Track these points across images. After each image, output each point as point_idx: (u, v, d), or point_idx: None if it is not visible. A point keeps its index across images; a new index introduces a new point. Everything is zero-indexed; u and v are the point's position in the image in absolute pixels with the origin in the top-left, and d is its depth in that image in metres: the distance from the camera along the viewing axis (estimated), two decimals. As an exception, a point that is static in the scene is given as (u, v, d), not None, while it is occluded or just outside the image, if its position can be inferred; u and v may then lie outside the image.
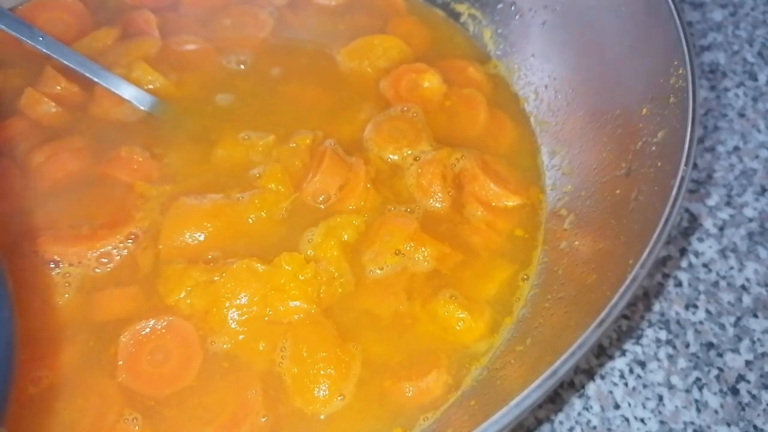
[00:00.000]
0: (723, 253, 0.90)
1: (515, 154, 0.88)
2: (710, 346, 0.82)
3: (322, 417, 0.66)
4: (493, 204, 0.82)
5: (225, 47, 0.94)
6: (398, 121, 0.86)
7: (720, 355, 0.81)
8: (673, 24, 0.69)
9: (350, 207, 0.78)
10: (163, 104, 0.86)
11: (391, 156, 0.84)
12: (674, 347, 0.82)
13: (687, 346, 0.82)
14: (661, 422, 0.76)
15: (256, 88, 0.90)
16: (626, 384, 0.79)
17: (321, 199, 0.79)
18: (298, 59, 0.94)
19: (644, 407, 0.77)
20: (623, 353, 0.81)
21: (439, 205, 0.80)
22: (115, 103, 0.85)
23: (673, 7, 0.70)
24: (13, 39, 0.83)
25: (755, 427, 0.76)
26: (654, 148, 0.69)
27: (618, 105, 0.78)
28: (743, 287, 0.87)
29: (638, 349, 0.81)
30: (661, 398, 0.78)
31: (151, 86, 0.87)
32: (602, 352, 0.81)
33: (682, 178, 0.60)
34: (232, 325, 0.69)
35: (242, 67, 0.92)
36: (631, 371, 0.80)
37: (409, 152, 0.83)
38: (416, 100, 0.89)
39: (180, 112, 0.86)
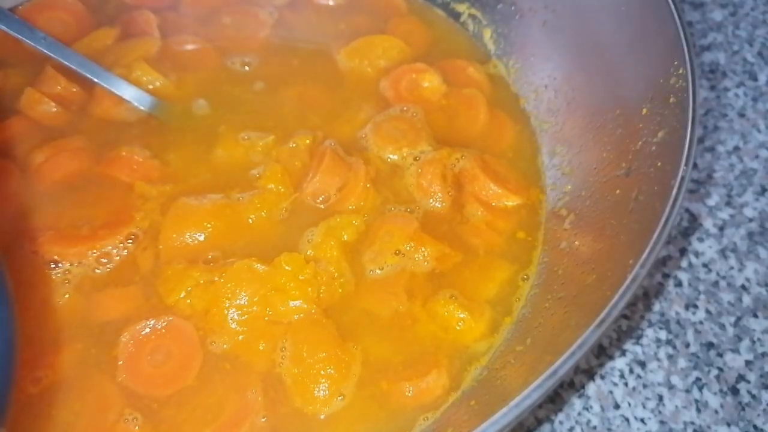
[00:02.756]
0: (723, 253, 0.90)
1: (515, 154, 0.88)
2: (710, 346, 0.82)
3: (322, 417, 0.66)
4: (493, 204, 0.82)
5: (225, 47, 0.94)
6: (398, 121, 0.86)
7: (720, 355, 0.81)
8: (673, 24, 0.69)
9: (350, 207, 0.78)
10: (163, 104, 0.86)
11: (390, 156, 0.83)
12: (674, 347, 0.82)
13: (687, 346, 0.82)
14: (661, 422, 0.76)
15: (255, 88, 0.90)
16: (626, 384, 0.79)
17: (321, 199, 0.79)
18: (298, 59, 0.94)
19: (644, 407, 0.77)
20: (623, 353, 0.81)
21: (439, 205, 0.80)
22: (115, 103, 0.85)
23: (673, 7, 0.70)
24: (13, 39, 0.83)
25: (755, 427, 0.76)
26: (654, 148, 0.69)
27: (618, 105, 0.78)
28: (743, 287, 0.87)
29: (638, 349, 0.81)
30: (661, 398, 0.78)
31: (151, 86, 0.87)
32: (602, 352, 0.81)
33: (682, 178, 0.60)
34: (232, 325, 0.69)
35: (244, 67, 0.92)
36: (631, 371, 0.80)
37: (409, 152, 0.83)
38: (416, 100, 0.89)
39: (180, 112, 0.86)
